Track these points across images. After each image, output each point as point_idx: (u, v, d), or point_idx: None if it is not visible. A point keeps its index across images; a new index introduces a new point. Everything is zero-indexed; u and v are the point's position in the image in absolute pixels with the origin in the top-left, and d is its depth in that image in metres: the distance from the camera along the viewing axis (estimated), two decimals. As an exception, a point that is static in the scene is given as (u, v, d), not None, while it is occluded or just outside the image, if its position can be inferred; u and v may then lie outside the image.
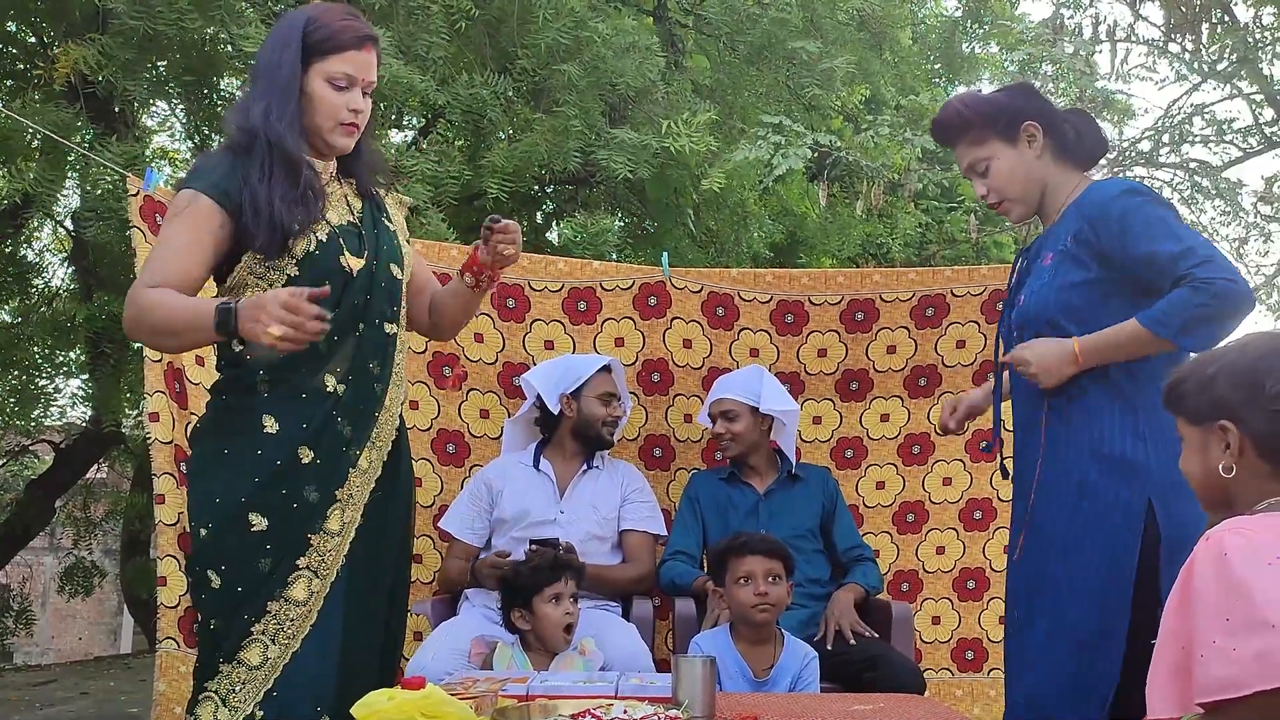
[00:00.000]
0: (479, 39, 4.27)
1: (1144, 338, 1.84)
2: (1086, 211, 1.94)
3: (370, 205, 2.03)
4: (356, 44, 1.91)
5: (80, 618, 14.76)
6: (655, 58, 4.37)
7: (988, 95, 2.08)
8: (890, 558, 3.38)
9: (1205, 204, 6.70)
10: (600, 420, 3.02)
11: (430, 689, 1.54)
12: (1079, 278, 1.93)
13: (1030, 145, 2.03)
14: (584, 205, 5.21)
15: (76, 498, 8.20)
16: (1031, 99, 2.05)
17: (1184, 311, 1.79)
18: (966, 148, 2.09)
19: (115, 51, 3.71)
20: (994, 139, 2.04)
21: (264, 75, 1.89)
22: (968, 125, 2.07)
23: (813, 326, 3.35)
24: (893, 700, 2.10)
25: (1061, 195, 2.04)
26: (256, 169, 1.84)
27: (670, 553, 3.00)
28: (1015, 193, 2.06)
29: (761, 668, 2.46)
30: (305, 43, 1.89)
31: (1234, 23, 5.47)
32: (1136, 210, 1.89)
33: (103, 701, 6.29)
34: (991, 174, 2.05)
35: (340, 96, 1.91)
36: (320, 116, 1.91)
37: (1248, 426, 1.32)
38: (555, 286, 3.30)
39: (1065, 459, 1.95)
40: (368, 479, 1.93)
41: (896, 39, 5.89)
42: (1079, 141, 2.05)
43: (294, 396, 1.86)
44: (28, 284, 6.44)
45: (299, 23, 1.90)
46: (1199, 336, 1.79)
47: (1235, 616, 1.15)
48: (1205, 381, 1.37)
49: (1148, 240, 1.85)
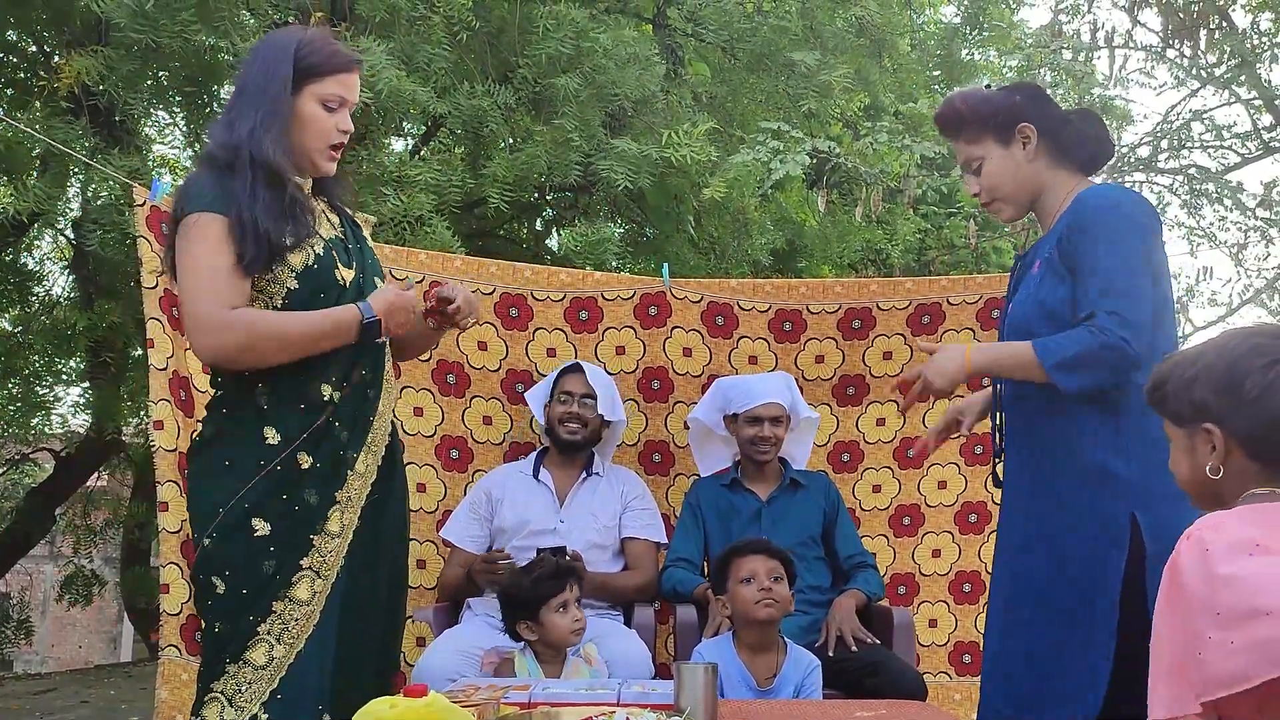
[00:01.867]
0: (480, 49, 4.29)
1: (1029, 361, 1.86)
2: (1069, 219, 1.95)
3: (345, 220, 2.09)
4: (348, 66, 1.97)
5: (80, 626, 14.75)
6: (655, 68, 4.39)
7: (987, 94, 2.08)
8: (887, 561, 3.39)
9: (1205, 209, 6.73)
10: (557, 418, 3.03)
11: (433, 697, 1.54)
12: (1058, 288, 1.93)
13: (1024, 147, 2.03)
14: (584, 213, 5.23)
15: (77, 506, 8.20)
16: (1033, 100, 2.05)
17: (1070, 350, 1.83)
18: (963, 145, 2.10)
19: (117, 63, 3.73)
20: (988, 138, 2.05)
21: (250, 94, 1.91)
22: (964, 123, 2.07)
23: (810, 334, 3.36)
24: (894, 706, 2.11)
25: (1058, 198, 2.03)
26: (242, 185, 1.86)
27: (672, 560, 3.00)
28: (1005, 193, 2.06)
29: (764, 676, 2.46)
30: (297, 65, 1.92)
31: (1232, 28, 5.48)
32: (1108, 229, 1.88)
33: (104, 710, 6.29)
34: (984, 173, 2.07)
35: (331, 118, 1.95)
36: (309, 136, 1.95)
37: (1231, 428, 1.31)
38: (557, 296, 3.32)
39: (1044, 468, 1.95)
40: (365, 481, 1.96)
41: (896, 46, 5.92)
42: (1079, 144, 2.04)
43: (293, 406, 1.90)
44: (28, 292, 6.44)
45: (289, 45, 1.93)
46: (1074, 379, 1.83)
47: (1226, 610, 1.15)
48: (1185, 384, 1.35)
49: (1092, 261, 1.87)
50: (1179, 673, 1.21)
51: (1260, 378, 1.29)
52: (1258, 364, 1.30)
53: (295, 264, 1.89)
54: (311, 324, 1.88)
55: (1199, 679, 1.17)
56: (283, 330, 1.87)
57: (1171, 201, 6.62)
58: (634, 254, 5.50)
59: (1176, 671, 1.22)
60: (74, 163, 3.92)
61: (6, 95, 5.19)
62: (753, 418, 3.01)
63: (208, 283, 1.84)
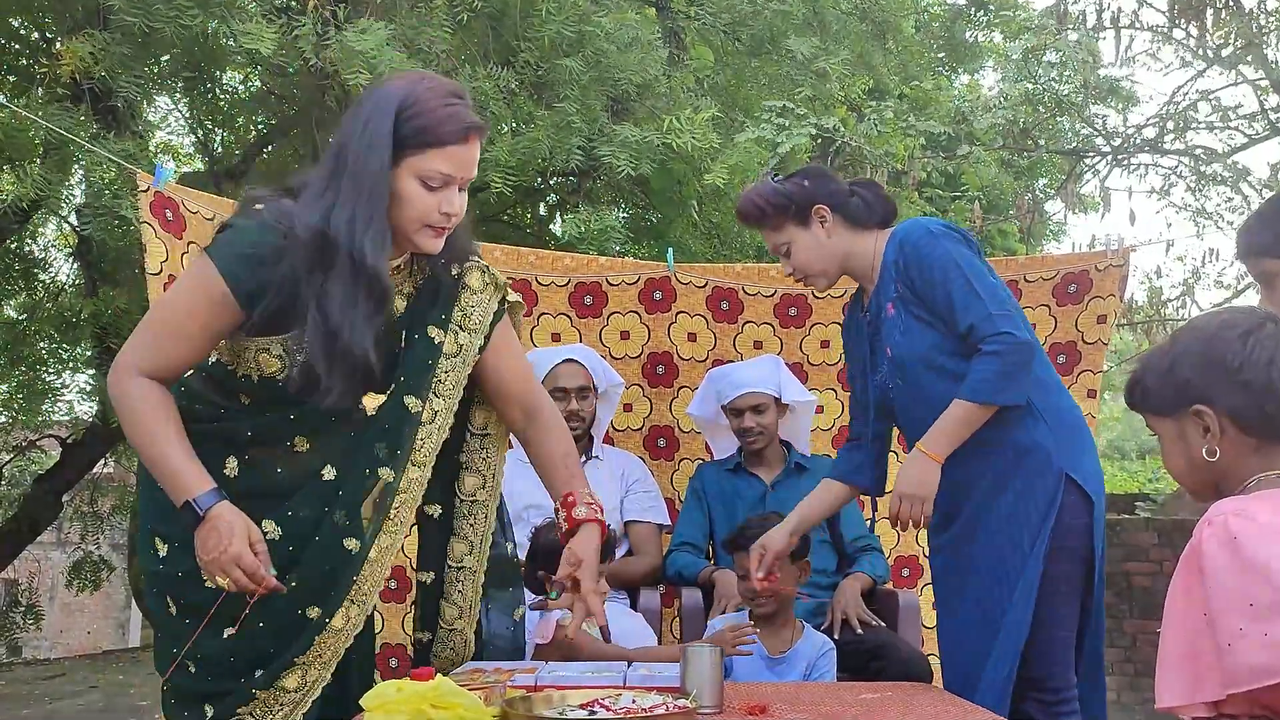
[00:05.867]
0: (482, 32, 4.27)
1: (973, 413, 2.06)
2: (897, 257, 2.17)
3: (424, 303, 1.76)
4: (460, 137, 1.61)
5: (88, 611, 14.83)
6: (657, 52, 4.36)
7: (778, 186, 2.28)
8: (891, 544, 3.39)
9: (1211, 191, 6.69)
10: None
11: (439, 680, 1.54)
12: (925, 335, 2.14)
13: (822, 225, 2.26)
14: (587, 198, 5.21)
15: (84, 492, 8.22)
16: (820, 181, 2.28)
17: (991, 377, 2.04)
18: (768, 234, 2.31)
19: (115, 47, 3.71)
20: (789, 225, 2.27)
21: (348, 168, 1.59)
22: (765, 216, 2.28)
23: (815, 319, 3.36)
24: (900, 689, 2.11)
25: (866, 257, 2.26)
26: (339, 286, 1.57)
27: (676, 544, 3.01)
28: (817, 269, 2.29)
29: (778, 648, 2.49)
30: (397, 132, 1.59)
31: (1239, 8, 5.44)
32: (936, 255, 2.11)
33: (112, 694, 6.33)
34: (793, 255, 2.28)
35: (433, 197, 1.62)
36: (405, 218, 1.63)
37: (1222, 405, 1.30)
38: (562, 281, 3.31)
39: (977, 454, 2.10)
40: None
41: (899, 28, 5.88)
42: (869, 210, 2.27)
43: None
44: (33, 279, 6.44)
45: (391, 105, 1.60)
46: (1012, 393, 2.05)
47: (1260, 600, 1.13)
48: (1164, 372, 1.34)
49: (945, 294, 2.09)
50: (1192, 661, 1.20)
51: (1240, 348, 1.29)
52: (1232, 336, 1.30)
53: (267, 370, 1.64)
54: (150, 450, 1.61)
55: (1225, 669, 1.15)
56: (132, 430, 1.62)
57: (1177, 183, 6.59)
58: (636, 240, 5.48)
59: (1190, 660, 1.20)
60: (76, 149, 3.91)
61: (9, 82, 5.17)
62: (733, 410, 3.00)
63: (160, 334, 1.64)
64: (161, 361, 1.63)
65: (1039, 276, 3.27)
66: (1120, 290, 3.25)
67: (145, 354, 1.64)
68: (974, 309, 2.06)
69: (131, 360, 1.63)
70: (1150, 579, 5.55)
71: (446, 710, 1.51)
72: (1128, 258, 3.26)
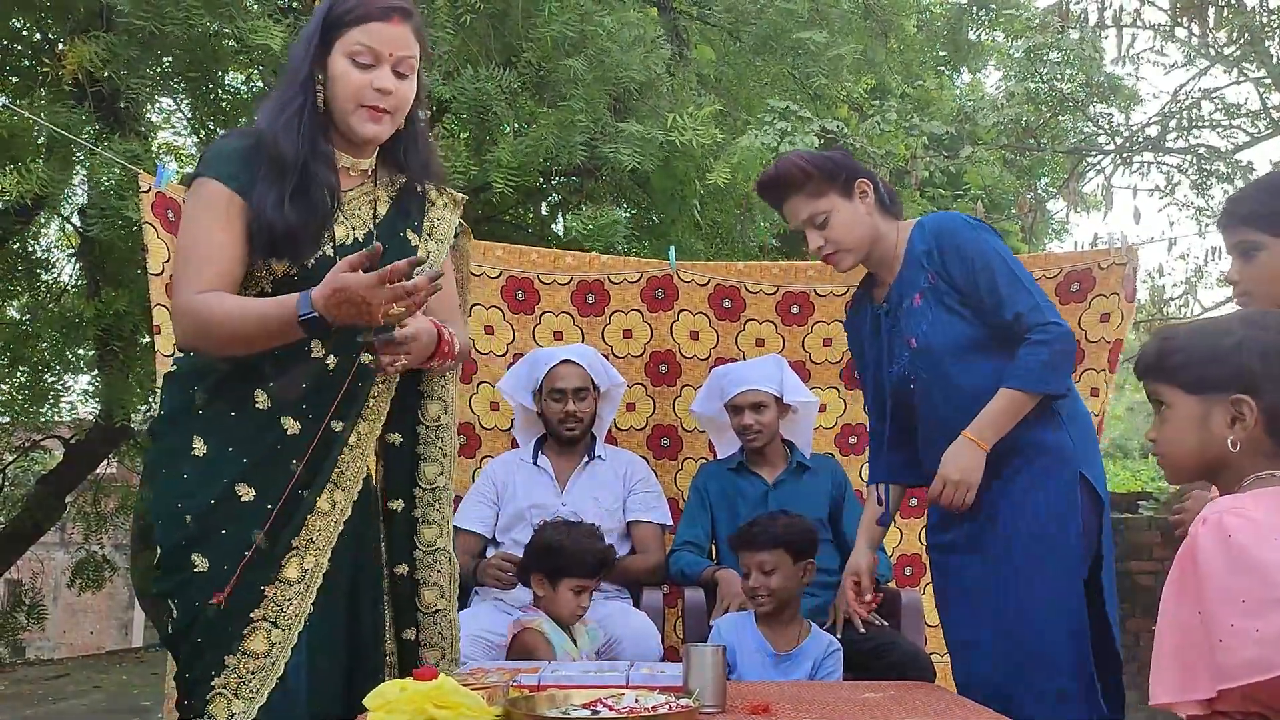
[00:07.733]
0: (484, 32, 4.27)
1: (1020, 402, 2.06)
2: (931, 245, 2.16)
3: (398, 212, 1.84)
4: (382, 14, 1.70)
5: (91, 612, 14.84)
6: (660, 50, 4.36)
7: (824, 152, 2.30)
8: (894, 542, 3.39)
9: (1214, 188, 6.67)
10: (556, 418, 2.98)
11: (442, 679, 1.55)
12: (956, 325, 2.13)
13: (864, 200, 2.23)
14: (589, 197, 5.21)
15: (87, 493, 8.22)
16: (857, 162, 2.29)
17: (1038, 366, 2.04)
18: (805, 200, 2.23)
19: (120, 49, 3.72)
20: (833, 193, 2.21)
21: (287, 68, 1.76)
22: (807, 179, 2.22)
23: (818, 317, 3.36)
24: (903, 688, 2.11)
25: (889, 245, 2.24)
26: (261, 168, 1.70)
27: (679, 543, 3.01)
28: (851, 243, 2.23)
29: (784, 646, 2.49)
30: (327, 20, 1.71)
31: (1241, 6, 5.43)
32: (973, 246, 2.12)
33: (115, 695, 6.34)
34: (831, 225, 2.21)
35: (363, 75, 1.70)
36: (340, 98, 1.71)
37: (1266, 400, 1.29)
38: (564, 279, 3.31)
39: (994, 453, 2.08)
40: (332, 521, 1.75)
41: (902, 27, 5.87)
42: (892, 197, 2.29)
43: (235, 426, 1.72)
44: (36, 280, 6.45)
45: (326, 4, 1.73)
46: (1058, 381, 2.06)
47: (1252, 597, 1.14)
48: (1224, 352, 1.31)
49: (988, 284, 2.10)
50: (1186, 657, 1.20)
51: None
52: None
53: (277, 270, 1.71)
54: (245, 324, 1.64)
55: (1218, 665, 1.16)
56: (221, 330, 1.65)
57: (1181, 181, 6.57)
58: (639, 238, 5.48)
59: (1183, 656, 1.20)
60: (78, 149, 3.91)
61: (11, 83, 5.18)
62: (733, 407, 3.00)
63: (196, 257, 1.69)
64: (209, 276, 1.68)
65: (1042, 274, 3.27)
66: (1129, 289, 3.24)
67: (193, 280, 1.68)
68: (1021, 299, 2.07)
69: (184, 292, 1.68)
70: (1153, 578, 5.54)
71: (449, 710, 1.51)
72: (1134, 255, 3.26)
